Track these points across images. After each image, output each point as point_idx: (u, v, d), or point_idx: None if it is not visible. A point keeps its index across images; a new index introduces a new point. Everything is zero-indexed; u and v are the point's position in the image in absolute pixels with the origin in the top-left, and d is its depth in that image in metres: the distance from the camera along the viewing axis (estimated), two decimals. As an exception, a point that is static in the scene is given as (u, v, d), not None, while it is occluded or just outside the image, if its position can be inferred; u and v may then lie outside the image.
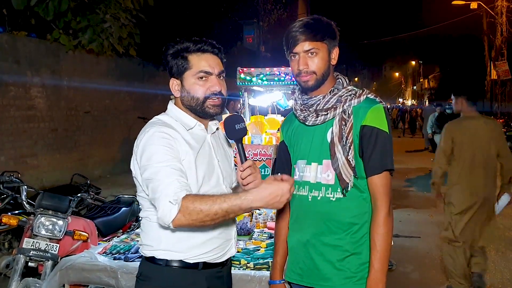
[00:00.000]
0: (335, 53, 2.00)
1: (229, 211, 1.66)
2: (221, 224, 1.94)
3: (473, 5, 21.04)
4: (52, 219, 3.47)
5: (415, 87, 58.04)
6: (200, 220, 1.65)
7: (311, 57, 1.93)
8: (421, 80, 51.98)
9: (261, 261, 2.77)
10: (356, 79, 63.72)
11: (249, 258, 2.83)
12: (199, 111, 1.94)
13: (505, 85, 23.46)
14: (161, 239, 1.87)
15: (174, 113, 1.97)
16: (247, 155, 1.98)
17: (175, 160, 1.77)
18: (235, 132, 1.92)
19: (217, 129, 2.10)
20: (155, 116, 1.98)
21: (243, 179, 1.87)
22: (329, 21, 1.99)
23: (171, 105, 2.01)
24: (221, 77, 1.96)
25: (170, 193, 1.66)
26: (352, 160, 1.89)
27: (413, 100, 53.78)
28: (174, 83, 1.96)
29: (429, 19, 28.31)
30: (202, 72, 1.90)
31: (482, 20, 23.27)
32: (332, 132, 1.93)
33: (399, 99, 56.41)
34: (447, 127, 4.39)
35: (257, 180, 1.88)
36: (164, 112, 2.02)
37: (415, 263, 5.36)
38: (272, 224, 3.43)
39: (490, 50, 23.03)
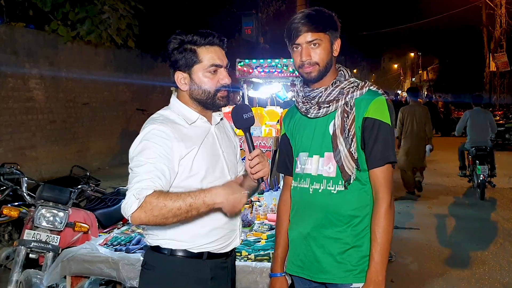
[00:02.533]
0: (337, 44, 1.99)
1: (192, 206, 1.70)
2: (226, 214, 1.95)
3: (473, -3, 21.01)
4: (53, 210, 3.47)
5: (414, 79, 57.88)
6: (162, 216, 1.68)
7: (314, 48, 1.92)
8: (420, 71, 51.84)
9: (262, 252, 2.79)
10: (355, 70, 63.48)
11: (250, 250, 2.85)
12: (210, 103, 1.94)
13: (504, 77, 23.45)
14: (166, 228, 1.87)
15: (176, 107, 1.96)
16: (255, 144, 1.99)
17: (163, 160, 1.77)
18: (242, 121, 1.94)
19: (221, 119, 2.09)
20: (158, 111, 1.97)
21: (251, 168, 1.87)
22: (331, 13, 1.98)
23: (173, 99, 1.99)
24: (227, 69, 1.97)
25: (138, 188, 1.69)
26: (354, 153, 1.88)
27: (411, 92, 53.52)
28: (180, 77, 1.92)
29: (428, 10, 28.22)
30: (213, 66, 1.89)
31: (481, 11, 23.23)
32: (334, 125, 1.92)
33: (398, 91, 56.28)
34: (402, 109, 8.34)
35: (266, 168, 1.89)
36: (166, 105, 2.02)
37: (414, 254, 5.38)
38: (272, 216, 3.44)
39: (489, 41, 23.02)
